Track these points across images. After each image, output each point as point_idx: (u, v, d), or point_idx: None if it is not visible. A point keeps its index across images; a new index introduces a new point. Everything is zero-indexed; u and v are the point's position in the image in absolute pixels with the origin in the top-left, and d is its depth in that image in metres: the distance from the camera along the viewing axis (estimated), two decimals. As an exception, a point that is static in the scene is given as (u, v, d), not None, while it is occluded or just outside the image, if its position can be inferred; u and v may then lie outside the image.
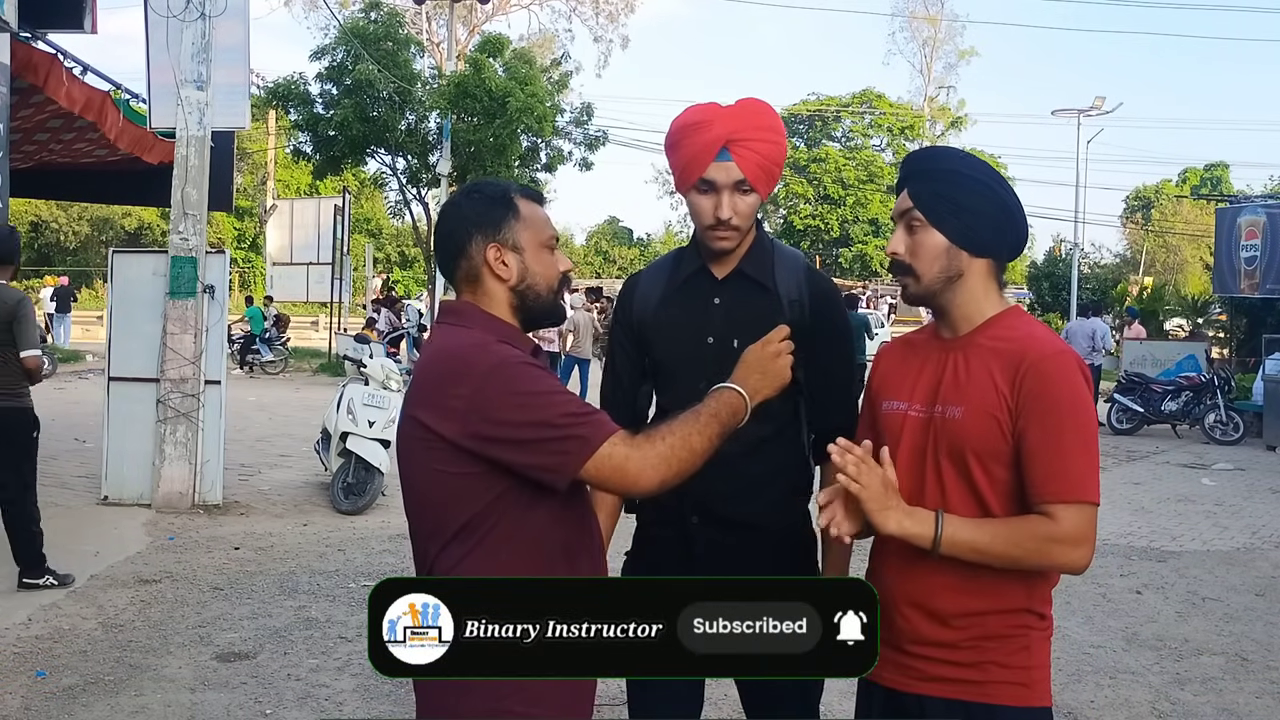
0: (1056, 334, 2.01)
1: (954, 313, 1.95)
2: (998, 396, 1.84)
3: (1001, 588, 1.86)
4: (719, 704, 3.94)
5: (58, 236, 40.38)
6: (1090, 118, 27.64)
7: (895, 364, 2.07)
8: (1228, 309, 20.24)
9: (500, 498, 1.80)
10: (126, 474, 7.83)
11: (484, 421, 1.75)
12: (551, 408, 1.76)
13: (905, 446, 1.94)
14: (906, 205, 1.94)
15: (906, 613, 1.91)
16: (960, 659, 1.87)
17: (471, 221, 1.91)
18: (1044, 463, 1.80)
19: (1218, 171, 49.98)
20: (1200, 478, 11.07)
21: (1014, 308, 1.99)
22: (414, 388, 1.87)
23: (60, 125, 8.64)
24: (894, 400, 2.00)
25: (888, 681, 1.95)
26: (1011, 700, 1.86)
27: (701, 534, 2.21)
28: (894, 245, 1.96)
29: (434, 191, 22.59)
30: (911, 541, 1.81)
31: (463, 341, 1.85)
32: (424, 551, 1.88)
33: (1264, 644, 5.37)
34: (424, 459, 1.82)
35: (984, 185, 1.93)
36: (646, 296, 2.32)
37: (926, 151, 2.05)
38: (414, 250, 38.48)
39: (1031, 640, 1.90)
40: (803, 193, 46.92)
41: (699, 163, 2.18)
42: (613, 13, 40.58)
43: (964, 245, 1.91)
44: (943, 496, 1.89)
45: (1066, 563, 1.82)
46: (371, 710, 4.18)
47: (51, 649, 4.77)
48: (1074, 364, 1.86)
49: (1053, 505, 1.79)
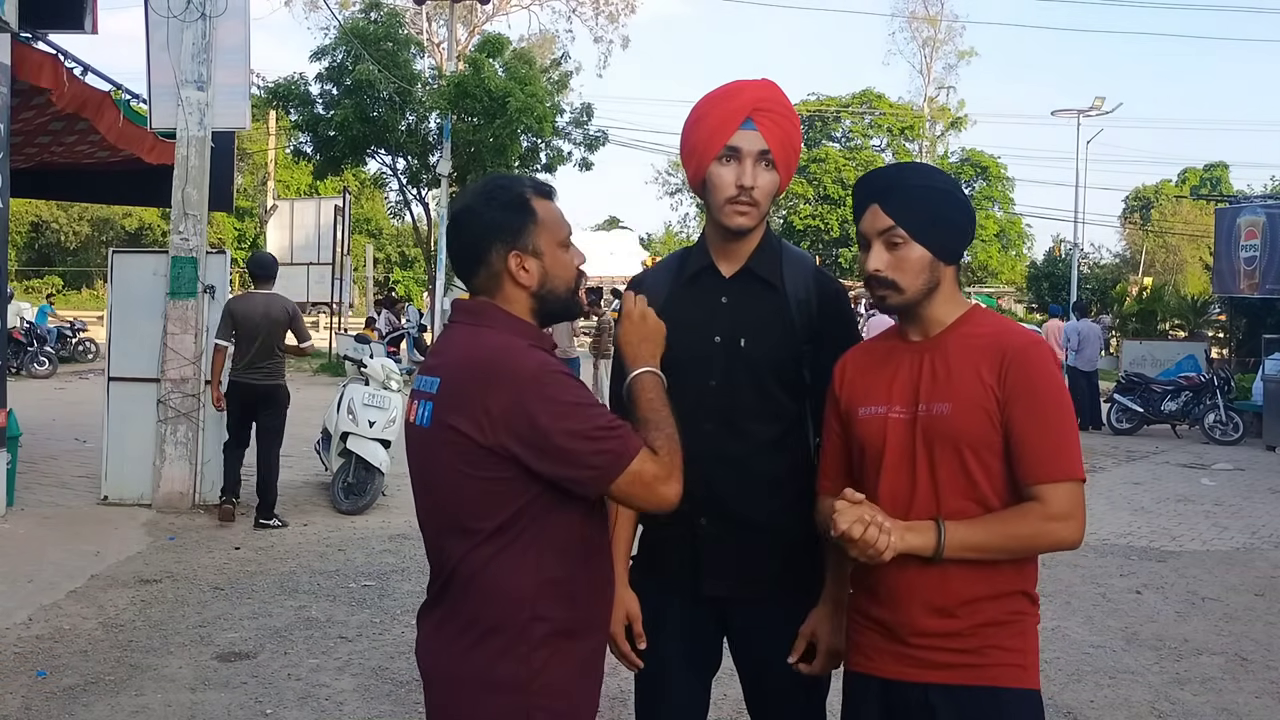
0: (1026, 326, 2.10)
1: (928, 318, 2.03)
2: (984, 389, 1.92)
3: (999, 573, 1.93)
4: (719, 704, 3.94)
5: (58, 236, 40.36)
6: (1090, 118, 27.65)
7: (862, 370, 2.10)
8: (1227, 309, 20.23)
9: (532, 502, 1.81)
10: (127, 474, 7.84)
11: (521, 428, 1.75)
12: (587, 420, 1.77)
13: (891, 448, 1.99)
14: (886, 223, 1.98)
15: (910, 608, 1.94)
16: (964, 645, 1.92)
17: (492, 230, 1.89)
18: (1031, 446, 1.89)
19: (1217, 171, 49.94)
20: (1200, 478, 11.07)
21: (975, 306, 2.09)
22: (446, 390, 1.84)
23: (62, 127, 8.64)
24: (871, 405, 2.04)
25: (888, 673, 1.98)
26: (1012, 682, 1.92)
27: (709, 534, 2.20)
28: (874, 262, 2.00)
29: (434, 192, 22.59)
30: (915, 553, 1.87)
31: (494, 344, 1.84)
32: (444, 549, 1.87)
33: (1263, 644, 5.38)
34: (454, 461, 1.81)
35: (954, 197, 2.03)
36: (653, 295, 2.29)
37: (892, 169, 2.09)
38: (414, 250, 38.46)
39: (1027, 625, 1.97)
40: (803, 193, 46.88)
41: (725, 129, 2.17)
42: (613, 13, 40.51)
43: (942, 256, 2.00)
44: (935, 492, 1.94)
45: (1062, 539, 1.90)
46: (371, 710, 4.19)
47: (52, 649, 4.77)
48: (1048, 352, 1.98)
49: (1043, 485, 1.88)
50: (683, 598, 2.24)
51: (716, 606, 2.25)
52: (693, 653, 2.27)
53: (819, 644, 2.18)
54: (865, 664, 2.04)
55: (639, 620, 2.25)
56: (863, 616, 2.05)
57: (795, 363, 2.23)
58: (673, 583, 2.24)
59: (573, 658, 1.86)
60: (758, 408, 2.21)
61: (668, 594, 2.25)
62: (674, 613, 2.25)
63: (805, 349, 2.23)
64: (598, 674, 1.95)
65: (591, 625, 1.92)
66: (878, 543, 1.82)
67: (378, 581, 6.01)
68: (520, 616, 1.80)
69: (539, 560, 1.81)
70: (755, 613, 2.24)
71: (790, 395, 2.24)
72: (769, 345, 2.22)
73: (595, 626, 1.94)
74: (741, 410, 2.20)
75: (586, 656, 1.90)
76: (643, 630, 2.25)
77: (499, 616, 1.81)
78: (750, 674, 2.30)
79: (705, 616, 2.26)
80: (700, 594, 2.22)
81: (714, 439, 2.19)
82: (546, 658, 1.82)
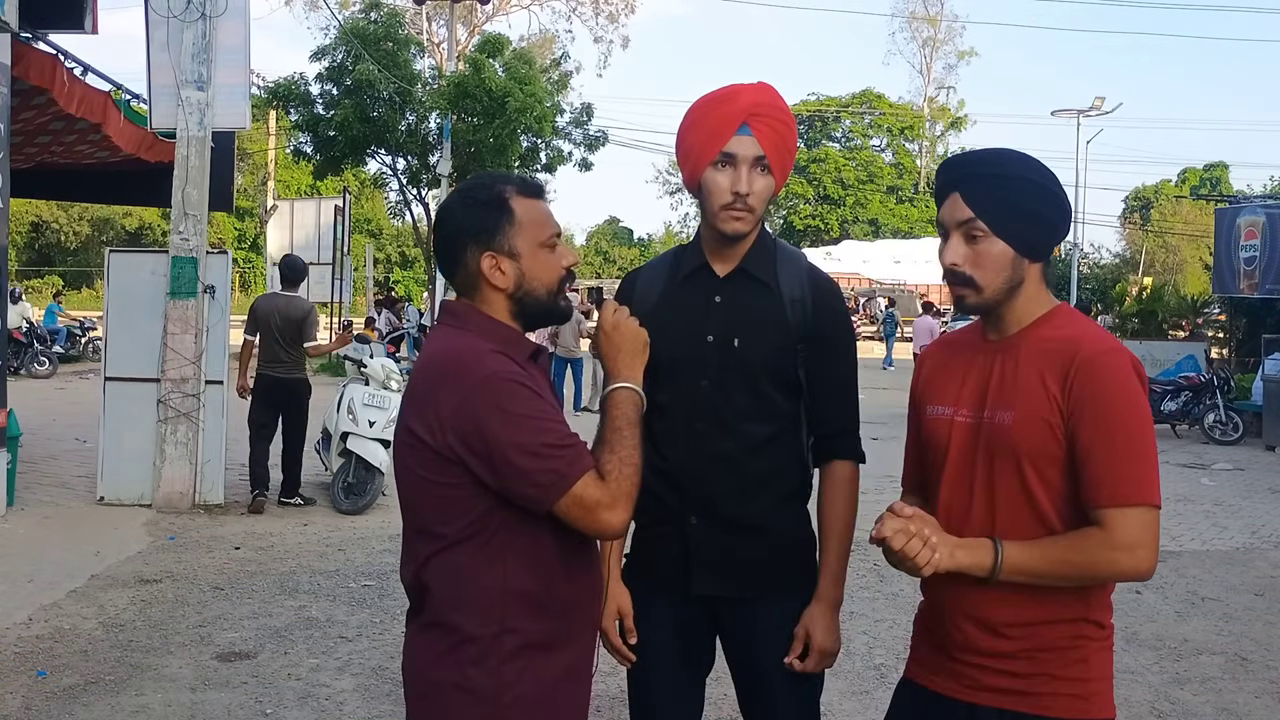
0: (1110, 332, 1.93)
1: (1008, 317, 1.89)
2: (1048, 399, 1.78)
3: (1057, 597, 1.80)
4: (719, 704, 3.94)
5: (58, 236, 40.39)
6: (1090, 118, 27.66)
7: (939, 367, 2.01)
8: (1227, 309, 20.22)
9: (492, 511, 1.76)
10: (126, 474, 7.83)
11: (468, 434, 1.72)
12: (535, 434, 1.72)
13: (953, 453, 1.89)
14: (966, 214, 1.84)
15: (959, 622, 1.86)
16: (1015, 669, 1.82)
17: (465, 230, 1.85)
18: (1097, 465, 1.74)
19: (1217, 171, 49.99)
20: (1200, 478, 11.07)
21: (1062, 305, 1.91)
22: (408, 391, 1.84)
23: (62, 127, 8.64)
24: (939, 405, 1.94)
25: (938, 687, 1.92)
26: (1067, 713, 1.80)
27: (700, 534, 2.20)
28: (952, 256, 1.86)
29: (434, 192, 22.61)
30: (967, 572, 1.76)
31: (458, 347, 1.80)
32: (414, 549, 1.84)
33: (1263, 644, 5.38)
34: (412, 464, 1.80)
35: (1042, 188, 1.86)
36: (646, 294, 2.29)
37: (979, 155, 1.94)
38: (414, 250, 38.48)
39: (1089, 651, 1.83)
40: (803, 193, 46.91)
41: (721, 135, 2.15)
42: (613, 13, 40.59)
43: (1026, 253, 1.85)
44: (991, 504, 1.83)
45: (1126, 570, 1.73)
46: (371, 710, 4.19)
47: (52, 649, 4.77)
48: (1126, 362, 1.78)
49: (1107, 510, 1.72)
50: (673, 596, 2.24)
51: (707, 605, 2.24)
52: (684, 651, 2.27)
53: (811, 642, 2.18)
54: (919, 673, 1.98)
55: (630, 615, 2.25)
56: (922, 627, 2.01)
57: (789, 363, 2.22)
58: (663, 581, 2.24)
59: (550, 671, 1.81)
60: (751, 408, 2.20)
61: (658, 592, 2.25)
62: (664, 611, 2.25)
63: (799, 349, 2.22)
64: (583, 680, 1.90)
65: (572, 637, 1.86)
66: (918, 557, 1.71)
67: (378, 581, 6.01)
68: (489, 628, 1.76)
69: (506, 570, 1.77)
70: (746, 612, 2.23)
71: (784, 395, 2.23)
72: (762, 345, 2.21)
73: (577, 638, 1.88)
74: (734, 410, 2.19)
75: (567, 667, 1.85)
76: (634, 627, 2.25)
77: (467, 626, 1.77)
78: (741, 673, 2.29)
79: (696, 615, 2.25)
80: (690, 593, 2.22)
81: (706, 438, 2.18)
82: (520, 670, 1.77)
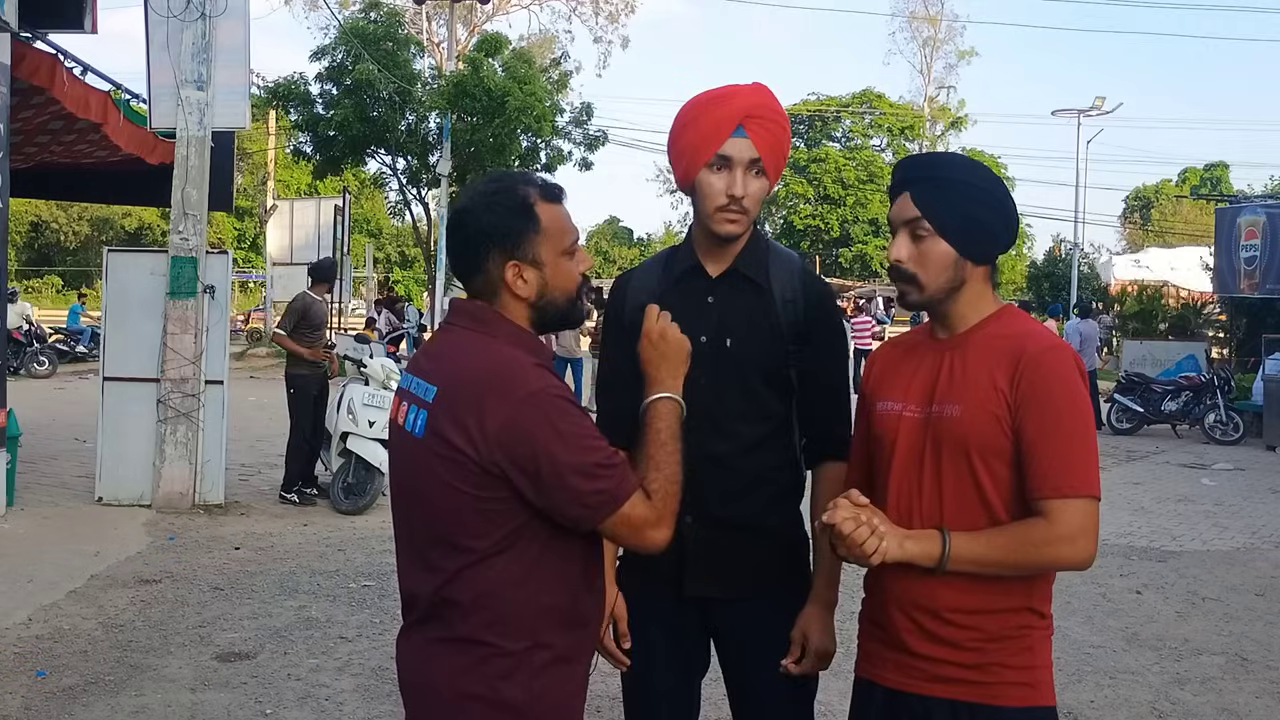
0: (1052, 331, 2.00)
1: (953, 316, 1.95)
2: (996, 394, 1.83)
3: (1003, 586, 1.85)
4: (719, 704, 3.93)
5: (58, 236, 40.40)
6: (1090, 118, 27.71)
7: (889, 365, 2.06)
8: (1228, 309, 20.21)
9: (527, 525, 1.73)
10: (126, 474, 7.83)
11: (517, 450, 1.67)
12: (586, 454, 1.69)
13: (901, 447, 1.93)
14: (913, 213, 1.90)
15: (908, 613, 1.90)
16: (964, 660, 1.86)
17: (489, 235, 1.79)
18: (1040, 458, 1.79)
19: (1217, 171, 49.98)
20: (1200, 478, 11.07)
21: (1008, 306, 1.99)
22: (443, 400, 1.74)
23: (61, 127, 8.64)
24: (889, 401, 1.99)
25: (890, 682, 1.94)
26: (1018, 701, 1.86)
27: (695, 534, 2.19)
28: (897, 252, 1.92)
29: (434, 191, 22.61)
30: (915, 563, 1.80)
31: (499, 357, 1.75)
32: (431, 562, 1.78)
33: (1264, 644, 5.38)
34: (446, 475, 1.72)
35: (990, 195, 1.92)
36: (639, 294, 2.29)
37: (931, 157, 2.01)
38: (414, 250, 38.47)
39: (1034, 640, 1.89)
40: (803, 193, 46.90)
41: (716, 137, 2.14)
42: (613, 13, 40.52)
43: (969, 256, 1.91)
44: (939, 496, 1.87)
45: (1068, 559, 1.80)
46: (371, 710, 4.18)
47: (52, 649, 4.77)
48: (1069, 359, 1.85)
49: (1050, 500, 1.78)
50: (667, 597, 2.23)
51: (700, 606, 2.24)
52: (678, 652, 2.26)
53: (808, 644, 2.18)
54: (870, 670, 2.00)
55: (624, 619, 2.25)
56: (869, 622, 2.03)
57: (781, 363, 2.22)
58: (656, 582, 2.23)
59: (572, 681, 1.82)
60: (743, 408, 2.20)
61: (652, 593, 2.24)
62: (658, 612, 2.24)
63: (791, 349, 2.22)
64: (586, 687, 1.91)
65: (587, 650, 1.88)
66: (865, 545, 1.76)
67: (378, 581, 6.01)
68: (521, 643, 1.75)
69: (539, 585, 1.75)
70: (739, 612, 2.23)
71: (776, 396, 2.23)
72: (755, 346, 2.21)
73: (589, 649, 1.89)
74: (727, 410, 2.19)
75: (581, 679, 1.86)
76: (628, 630, 2.24)
77: (499, 640, 1.74)
78: (734, 674, 2.29)
79: (690, 616, 2.25)
80: (683, 593, 2.21)
81: (699, 438, 2.17)
82: (548, 683, 1.77)
